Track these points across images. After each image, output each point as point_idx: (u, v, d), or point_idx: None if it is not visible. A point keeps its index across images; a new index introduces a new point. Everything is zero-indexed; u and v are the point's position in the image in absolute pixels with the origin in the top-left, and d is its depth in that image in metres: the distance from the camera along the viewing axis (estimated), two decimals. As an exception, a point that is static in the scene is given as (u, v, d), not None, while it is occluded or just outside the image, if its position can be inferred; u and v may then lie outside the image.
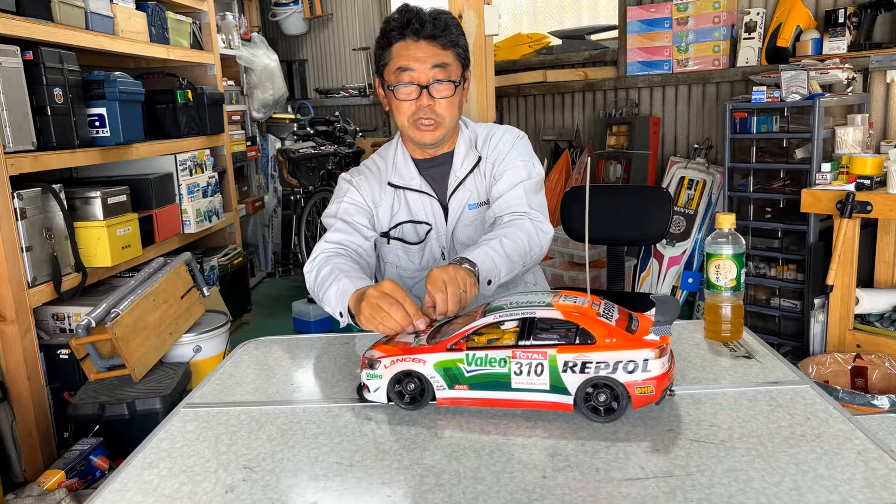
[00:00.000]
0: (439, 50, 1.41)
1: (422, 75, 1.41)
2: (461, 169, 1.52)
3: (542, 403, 0.95)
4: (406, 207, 1.54)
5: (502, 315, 0.96)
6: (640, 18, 3.55)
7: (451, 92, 1.43)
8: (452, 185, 1.52)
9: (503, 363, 0.94)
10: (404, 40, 1.41)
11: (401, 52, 1.42)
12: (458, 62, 1.45)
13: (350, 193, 1.55)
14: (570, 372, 0.92)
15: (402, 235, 1.55)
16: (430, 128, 1.44)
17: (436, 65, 1.40)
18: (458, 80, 1.44)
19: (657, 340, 0.92)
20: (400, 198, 1.54)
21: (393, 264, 1.58)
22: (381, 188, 1.55)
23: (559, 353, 0.92)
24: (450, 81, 1.42)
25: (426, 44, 1.40)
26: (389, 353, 1.01)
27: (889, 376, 2.35)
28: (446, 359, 0.97)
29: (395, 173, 1.54)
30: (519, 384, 0.95)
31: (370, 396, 1.03)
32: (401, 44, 1.42)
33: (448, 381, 0.98)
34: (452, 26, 1.43)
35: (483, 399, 0.97)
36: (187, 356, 2.46)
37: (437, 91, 1.42)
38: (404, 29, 1.41)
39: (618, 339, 0.92)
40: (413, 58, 1.40)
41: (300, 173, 4.18)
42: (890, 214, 2.36)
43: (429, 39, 1.40)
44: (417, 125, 1.44)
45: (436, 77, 1.41)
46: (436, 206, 1.53)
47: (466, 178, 1.53)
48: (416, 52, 1.40)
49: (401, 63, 1.41)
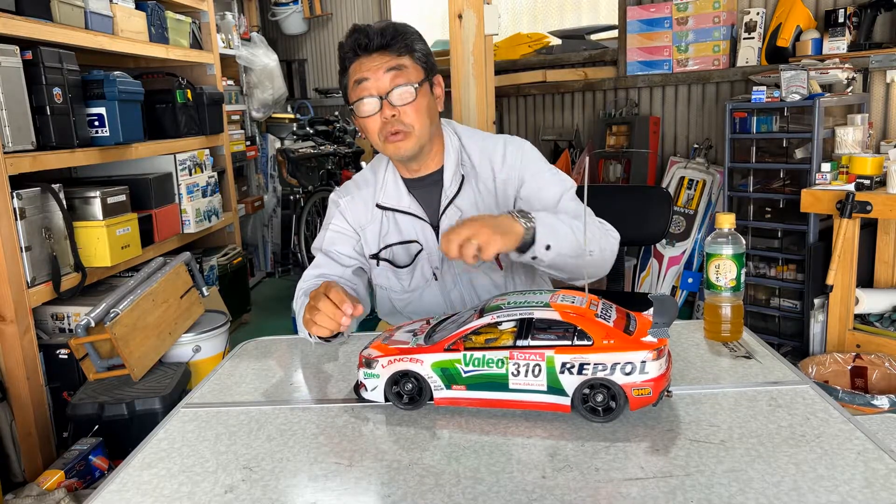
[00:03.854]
0: (392, 57, 1.35)
1: (378, 83, 1.34)
2: (451, 187, 1.46)
3: (539, 404, 0.95)
4: (396, 228, 1.49)
5: (500, 315, 0.96)
6: (639, 18, 3.55)
7: (413, 96, 1.35)
8: (443, 205, 1.46)
9: (500, 364, 0.94)
10: (357, 59, 1.37)
11: (356, 69, 1.37)
12: (418, 66, 1.38)
13: (335, 220, 1.52)
14: (568, 373, 0.92)
15: (391, 258, 1.50)
16: (399, 138, 1.37)
17: (390, 68, 1.34)
18: (419, 83, 1.36)
19: (655, 342, 0.92)
20: (389, 219, 1.49)
21: (382, 286, 1.54)
22: (368, 209, 1.50)
23: (557, 354, 0.92)
24: (409, 85, 1.35)
25: (378, 55, 1.35)
26: (387, 353, 1.01)
27: (889, 376, 2.35)
28: (444, 359, 0.97)
29: (383, 194, 1.49)
30: (516, 385, 0.94)
31: (367, 395, 1.03)
32: (355, 63, 1.37)
33: (445, 382, 0.98)
34: (407, 33, 1.38)
35: (480, 399, 0.97)
36: (187, 356, 2.46)
37: (398, 98, 1.35)
38: (356, 49, 1.36)
39: (615, 341, 0.91)
40: (366, 68, 1.35)
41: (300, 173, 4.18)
42: (890, 214, 2.36)
43: (380, 50, 1.35)
44: (388, 139, 1.37)
45: (394, 83, 1.34)
46: (426, 228, 1.47)
47: (458, 196, 1.46)
48: (369, 62, 1.35)
49: (356, 76, 1.36)
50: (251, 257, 4.71)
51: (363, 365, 1.03)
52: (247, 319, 3.88)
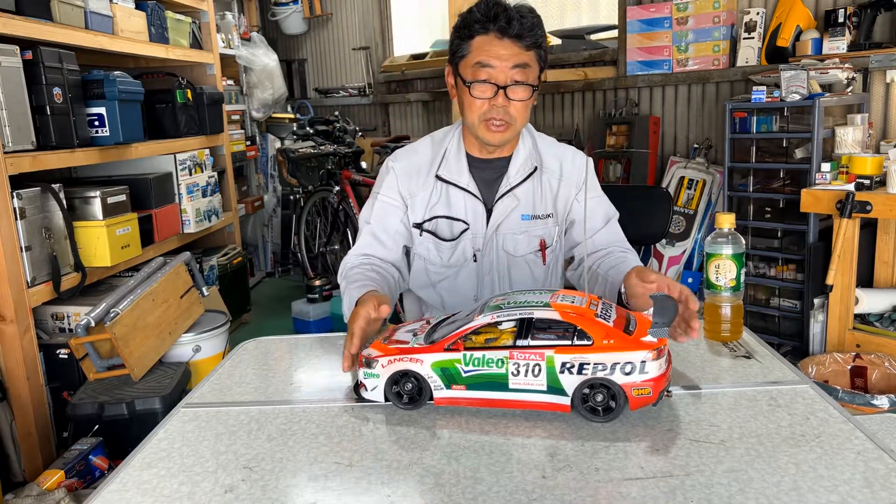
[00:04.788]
0: (522, 50, 1.35)
1: (501, 74, 1.35)
2: (515, 176, 1.48)
3: (539, 404, 0.95)
4: (446, 202, 1.49)
5: (500, 315, 0.96)
6: (639, 18, 3.54)
7: (528, 95, 1.38)
8: (503, 190, 1.48)
9: (500, 364, 0.94)
10: (487, 34, 1.35)
11: (482, 47, 1.35)
12: (538, 64, 1.39)
13: (385, 189, 1.52)
14: (568, 373, 0.92)
15: (435, 230, 1.51)
16: (500, 129, 1.39)
17: (516, 65, 1.35)
18: (536, 84, 1.39)
19: (654, 342, 0.92)
20: (441, 191, 1.49)
21: (421, 256, 1.54)
22: (422, 177, 1.50)
23: (557, 354, 0.92)
24: (528, 85, 1.36)
25: (510, 42, 1.34)
26: (387, 353, 1.01)
27: (889, 376, 2.35)
28: (443, 359, 0.97)
29: (444, 166, 1.49)
30: (516, 385, 0.94)
31: (367, 395, 1.03)
32: (483, 38, 1.35)
33: (445, 381, 0.98)
34: (538, 27, 1.37)
35: (480, 399, 0.97)
36: (187, 356, 2.46)
37: (514, 93, 1.36)
38: (489, 23, 1.34)
39: (615, 341, 0.91)
40: (495, 55, 1.34)
41: (300, 173, 4.18)
42: (890, 214, 2.36)
43: (514, 38, 1.34)
44: (488, 125, 1.39)
45: (514, 78, 1.35)
46: (479, 207, 1.48)
47: (519, 186, 1.48)
48: (500, 49, 1.34)
49: (481, 58, 1.35)
50: (251, 257, 4.71)
51: (363, 365, 1.03)
52: (247, 319, 3.88)
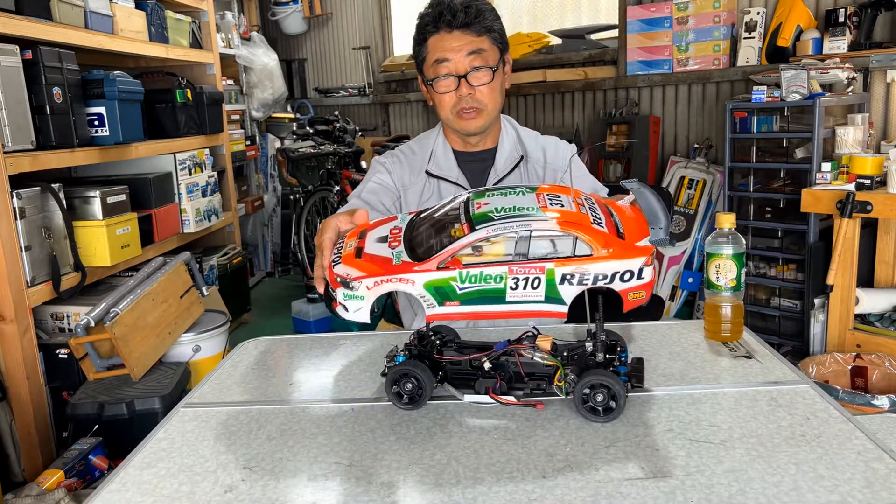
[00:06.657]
0: (474, 37, 1.42)
1: (458, 65, 1.42)
2: (503, 166, 1.53)
3: (535, 313, 0.92)
4: (437, 196, 1.53)
5: (495, 229, 0.91)
6: (640, 18, 3.54)
7: (490, 78, 1.44)
8: (491, 181, 1.53)
9: (499, 279, 0.91)
10: (438, 33, 1.43)
11: (437, 45, 1.43)
12: (495, 46, 1.45)
13: (379, 174, 1.56)
14: (568, 284, 0.90)
15: None
16: (471, 115, 1.45)
17: (471, 52, 1.42)
18: (496, 65, 1.44)
19: (649, 247, 0.91)
20: (433, 186, 1.54)
21: None
22: (414, 174, 1.56)
23: (557, 267, 0.90)
24: (487, 67, 1.43)
25: (460, 33, 1.42)
26: (370, 273, 0.94)
27: (889, 376, 2.35)
28: (437, 278, 0.92)
29: (433, 162, 1.55)
30: (513, 297, 0.91)
31: (348, 316, 0.96)
32: (435, 37, 1.44)
33: (438, 299, 0.93)
34: (485, 11, 1.43)
35: (475, 313, 0.93)
36: (186, 356, 2.46)
37: (476, 79, 1.43)
38: (437, 21, 1.42)
39: (614, 249, 0.90)
40: (449, 48, 1.42)
41: (299, 173, 4.18)
42: (890, 214, 2.36)
43: (462, 28, 1.41)
44: (461, 115, 1.46)
45: (472, 64, 1.42)
46: None
47: (507, 176, 1.52)
48: (451, 42, 1.42)
49: (437, 55, 1.43)
50: (251, 257, 4.71)
51: (339, 285, 0.95)
52: (247, 319, 3.88)
